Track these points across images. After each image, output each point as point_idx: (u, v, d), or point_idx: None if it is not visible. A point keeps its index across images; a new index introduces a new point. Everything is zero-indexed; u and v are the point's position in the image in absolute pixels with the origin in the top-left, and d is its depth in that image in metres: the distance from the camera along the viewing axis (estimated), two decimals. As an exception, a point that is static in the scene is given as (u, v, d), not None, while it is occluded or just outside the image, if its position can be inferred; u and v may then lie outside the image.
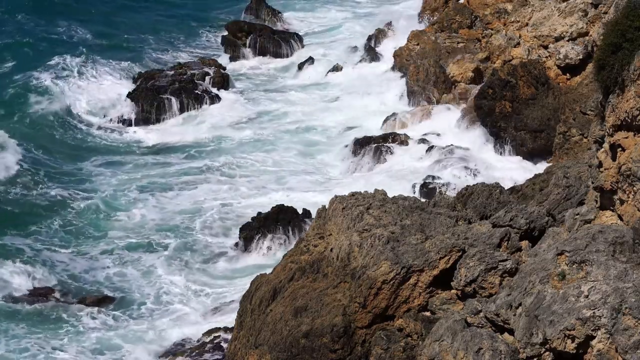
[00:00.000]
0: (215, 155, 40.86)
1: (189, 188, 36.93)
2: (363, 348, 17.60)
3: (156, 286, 29.18)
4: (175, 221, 33.85)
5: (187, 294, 28.73)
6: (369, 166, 38.42)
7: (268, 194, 36.06)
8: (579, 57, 39.59)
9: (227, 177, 38.21)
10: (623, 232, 13.97)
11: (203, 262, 30.96)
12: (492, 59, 42.78)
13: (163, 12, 69.32)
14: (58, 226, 33.12)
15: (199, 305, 27.97)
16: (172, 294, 28.71)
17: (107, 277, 29.74)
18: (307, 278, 19.61)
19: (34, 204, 34.82)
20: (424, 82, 43.99)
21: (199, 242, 32.20)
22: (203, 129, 44.56)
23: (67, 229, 32.94)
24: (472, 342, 14.21)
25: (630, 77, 15.00)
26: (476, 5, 48.95)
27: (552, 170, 25.94)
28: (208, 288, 29.09)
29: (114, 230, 33.03)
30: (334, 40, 60.23)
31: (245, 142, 42.54)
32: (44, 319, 26.84)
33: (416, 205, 20.32)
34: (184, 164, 39.99)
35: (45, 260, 30.26)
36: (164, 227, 33.42)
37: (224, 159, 40.06)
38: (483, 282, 16.85)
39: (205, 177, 38.12)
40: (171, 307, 27.92)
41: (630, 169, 15.18)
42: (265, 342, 18.68)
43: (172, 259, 30.93)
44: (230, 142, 42.77)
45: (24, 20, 60.11)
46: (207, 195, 36.12)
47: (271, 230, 31.60)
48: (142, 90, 47.77)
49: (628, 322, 12.59)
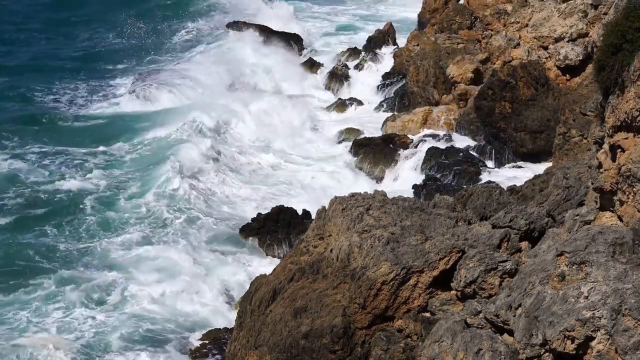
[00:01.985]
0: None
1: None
2: (363, 349, 17.60)
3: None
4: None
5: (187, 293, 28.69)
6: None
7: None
8: (578, 58, 39.60)
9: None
10: (623, 233, 13.97)
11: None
12: (492, 59, 42.80)
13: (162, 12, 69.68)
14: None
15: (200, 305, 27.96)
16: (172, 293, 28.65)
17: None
18: (306, 279, 19.61)
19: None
20: (423, 83, 44.01)
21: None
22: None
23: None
24: (471, 343, 14.21)
25: (630, 78, 15.00)
26: (476, 6, 48.97)
27: (552, 171, 25.92)
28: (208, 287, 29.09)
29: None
30: (334, 41, 60.36)
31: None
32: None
33: (416, 206, 20.32)
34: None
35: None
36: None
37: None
38: (483, 283, 16.84)
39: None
40: (172, 307, 27.86)
41: (630, 169, 15.18)
42: (265, 342, 18.68)
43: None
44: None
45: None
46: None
47: (271, 231, 31.63)
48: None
49: (628, 323, 12.59)
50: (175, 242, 31.64)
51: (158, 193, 35.40)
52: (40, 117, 45.26)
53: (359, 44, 57.13)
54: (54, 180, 36.67)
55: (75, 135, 42.89)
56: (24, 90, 49.96)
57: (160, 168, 37.69)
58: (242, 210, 35.11)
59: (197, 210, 34.54)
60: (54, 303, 26.89)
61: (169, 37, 62.85)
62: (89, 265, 29.58)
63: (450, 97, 42.82)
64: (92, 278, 28.45)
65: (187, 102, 47.03)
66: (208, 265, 30.04)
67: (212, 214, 34.41)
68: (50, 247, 30.73)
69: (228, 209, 35.37)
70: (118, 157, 40.13)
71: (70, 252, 30.53)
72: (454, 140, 39.73)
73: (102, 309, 26.95)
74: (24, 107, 47.36)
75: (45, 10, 70.90)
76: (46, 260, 29.72)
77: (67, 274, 28.55)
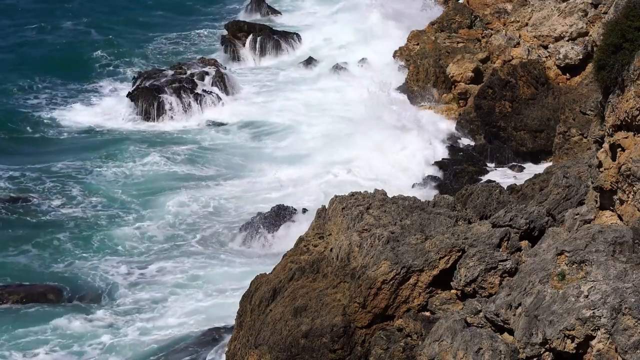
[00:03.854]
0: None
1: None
2: (363, 348, 17.59)
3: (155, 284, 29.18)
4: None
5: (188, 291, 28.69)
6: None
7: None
8: (578, 57, 39.62)
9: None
10: (623, 232, 13.97)
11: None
12: (492, 59, 42.79)
13: (160, 11, 69.60)
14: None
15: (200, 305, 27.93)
16: (171, 292, 28.65)
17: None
18: (306, 278, 19.61)
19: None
20: (423, 82, 44.00)
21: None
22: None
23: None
24: (471, 342, 14.21)
25: (630, 77, 14.99)
26: (476, 5, 48.96)
27: (552, 170, 25.94)
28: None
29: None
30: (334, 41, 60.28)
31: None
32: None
33: (416, 205, 20.32)
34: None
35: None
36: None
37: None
38: (483, 282, 16.85)
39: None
40: (172, 306, 27.85)
41: (630, 169, 15.18)
42: (265, 342, 18.68)
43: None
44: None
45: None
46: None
47: (271, 229, 31.63)
48: (141, 89, 47.87)
49: (628, 322, 12.59)
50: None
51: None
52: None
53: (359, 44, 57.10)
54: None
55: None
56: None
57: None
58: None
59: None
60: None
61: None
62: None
63: (450, 96, 42.81)
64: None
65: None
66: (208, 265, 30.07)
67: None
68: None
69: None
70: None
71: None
72: (453, 139, 39.75)
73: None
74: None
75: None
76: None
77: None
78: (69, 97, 49.66)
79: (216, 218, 34.10)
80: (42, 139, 43.41)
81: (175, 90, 47.57)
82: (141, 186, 36.80)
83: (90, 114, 46.78)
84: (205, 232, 32.76)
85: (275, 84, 52.22)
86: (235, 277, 28.41)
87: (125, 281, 28.65)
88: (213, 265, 29.73)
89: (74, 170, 38.39)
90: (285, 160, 39.11)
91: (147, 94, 46.94)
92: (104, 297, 27.83)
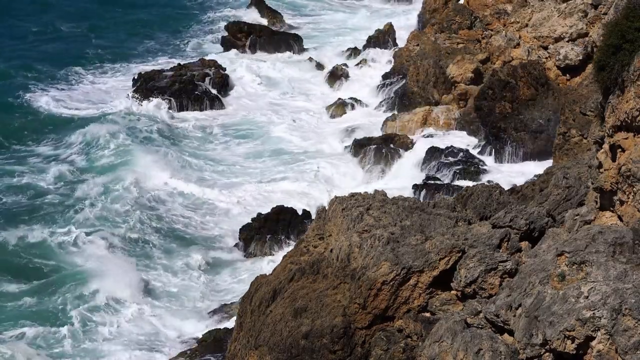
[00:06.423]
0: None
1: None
2: (363, 349, 17.58)
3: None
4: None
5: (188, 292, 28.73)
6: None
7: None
8: (578, 57, 39.63)
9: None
10: (623, 233, 13.96)
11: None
12: (492, 59, 42.80)
13: (162, 12, 69.61)
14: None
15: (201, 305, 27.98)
16: (172, 292, 28.68)
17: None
18: (307, 279, 19.59)
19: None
20: (423, 83, 44.01)
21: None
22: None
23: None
24: (472, 343, 14.20)
25: (630, 77, 14.99)
26: (476, 6, 48.95)
27: (552, 171, 25.93)
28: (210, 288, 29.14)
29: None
30: (334, 41, 60.36)
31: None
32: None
33: (416, 206, 20.31)
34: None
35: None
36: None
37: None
38: (483, 282, 16.84)
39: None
40: (172, 307, 27.89)
41: (630, 169, 15.17)
42: (265, 342, 18.66)
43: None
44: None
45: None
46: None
47: (271, 231, 31.61)
48: (142, 90, 47.89)
49: (628, 322, 12.58)
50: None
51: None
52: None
53: (358, 43, 57.14)
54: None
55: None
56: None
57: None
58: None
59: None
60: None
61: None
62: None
63: (450, 97, 42.80)
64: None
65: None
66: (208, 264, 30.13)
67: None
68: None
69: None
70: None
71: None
72: (454, 140, 39.73)
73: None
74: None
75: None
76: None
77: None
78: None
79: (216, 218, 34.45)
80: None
81: (176, 91, 47.63)
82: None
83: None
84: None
85: (275, 84, 52.28)
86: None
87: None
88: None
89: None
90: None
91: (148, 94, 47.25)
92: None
